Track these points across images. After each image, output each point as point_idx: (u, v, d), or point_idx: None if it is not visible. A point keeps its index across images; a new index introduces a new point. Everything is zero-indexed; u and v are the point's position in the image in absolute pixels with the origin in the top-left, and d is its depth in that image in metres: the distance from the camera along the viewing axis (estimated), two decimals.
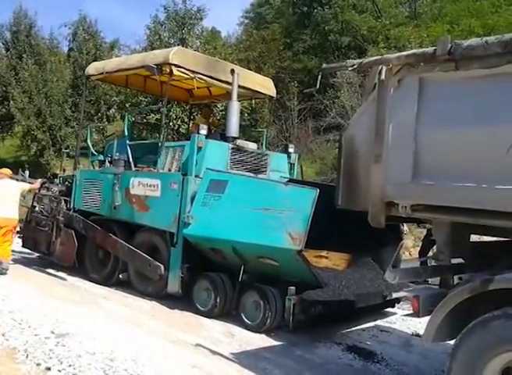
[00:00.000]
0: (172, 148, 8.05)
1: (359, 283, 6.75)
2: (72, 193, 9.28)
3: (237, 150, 8.02)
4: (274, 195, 6.52)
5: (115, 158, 8.69)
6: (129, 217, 8.20)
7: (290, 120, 20.41)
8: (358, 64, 4.80)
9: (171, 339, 5.95)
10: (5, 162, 26.96)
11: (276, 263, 6.38)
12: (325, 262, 7.13)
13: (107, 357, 5.03)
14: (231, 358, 5.50)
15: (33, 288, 7.75)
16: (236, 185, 6.98)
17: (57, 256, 9.06)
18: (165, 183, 7.64)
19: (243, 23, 36.21)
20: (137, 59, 8.82)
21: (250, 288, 6.74)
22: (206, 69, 8.43)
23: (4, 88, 26.74)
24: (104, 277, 8.68)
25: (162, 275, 7.50)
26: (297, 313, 6.00)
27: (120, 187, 8.26)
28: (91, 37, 29.35)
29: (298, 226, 5.97)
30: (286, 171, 8.79)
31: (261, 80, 9.95)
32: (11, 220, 8.63)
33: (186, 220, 7.12)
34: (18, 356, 4.93)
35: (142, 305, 7.55)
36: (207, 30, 22.47)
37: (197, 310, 7.18)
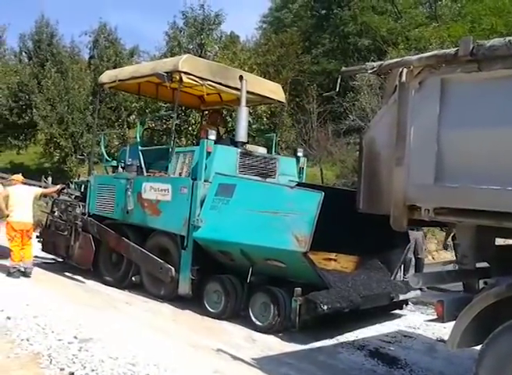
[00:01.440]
0: (183, 154, 8.19)
1: (365, 284, 6.90)
2: (87, 198, 9.46)
3: (246, 154, 8.13)
4: (280, 198, 6.66)
5: (127, 163, 8.91)
6: (141, 221, 8.38)
7: (310, 123, 20.34)
8: (378, 66, 4.75)
9: (192, 344, 5.95)
10: (29, 169, 27.49)
11: (283, 265, 6.51)
12: (334, 264, 7.36)
13: (129, 362, 5.05)
14: (252, 363, 5.47)
15: (56, 293, 7.84)
16: (244, 189, 7.13)
17: (75, 260, 9.28)
18: (175, 188, 7.82)
19: (261, 27, 36.29)
20: (149, 67, 9.03)
21: (258, 290, 6.87)
22: (215, 75, 8.58)
23: (27, 96, 27.25)
24: (117, 280, 8.85)
25: (173, 277, 7.66)
26: (303, 314, 6.11)
27: (133, 192, 8.44)
28: (111, 45, 29.78)
29: (303, 228, 6.10)
30: (295, 175, 8.87)
31: (270, 85, 10.08)
32: (27, 224, 8.83)
33: (195, 224, 7.31)
34: (42, 361, 4.97)
35: (162, 309, 7.59)
36: (225, 34, 22.54)
37: (208, 312, 7.29)
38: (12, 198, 8.83)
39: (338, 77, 5.41)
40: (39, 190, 9.85)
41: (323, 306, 6.02)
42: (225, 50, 20.25)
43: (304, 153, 9.48)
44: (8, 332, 5.70)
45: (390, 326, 7.34)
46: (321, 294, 6.17)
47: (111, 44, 29.97)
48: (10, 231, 8.71)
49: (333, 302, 6.15)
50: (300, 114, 20.59)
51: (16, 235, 8.69)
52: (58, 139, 24.22)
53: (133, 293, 8.42)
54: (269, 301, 6.65)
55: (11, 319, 6.13)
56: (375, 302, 6.93)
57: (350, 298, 6.38)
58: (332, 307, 6.11)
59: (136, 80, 9.18)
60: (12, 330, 5.74)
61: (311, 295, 6.13)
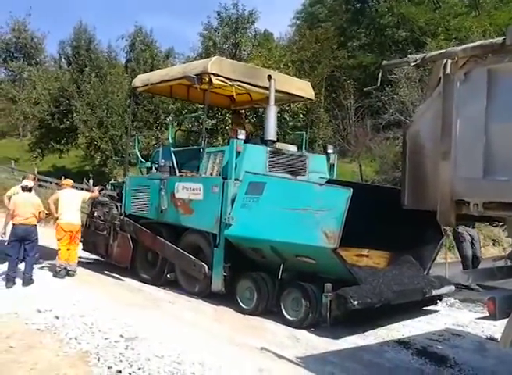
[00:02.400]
0: (213, 153, 8.36)
1: (397, 280, 6.92)
2: (123, 198, 9.72)
3: (275, 153, 8.23)
4: (309, 196, 6.76)
5: (160, 164, 9.13)
6: (174, 220, 8.58)
7: (347, 119, 20.12)
8: (421, 59, 4.62)
9: (236, 343, 5.96)
10: (70, 172, 28.24)
11: (313, 261, 6.59)
12: (366, 260, 7.39)
13: (174, 360, 5.09)
14: (297, 362, 5.43)
15: (100, 293, 7.98)
16: (274, 187, 7.25)
17: (114, 258, 9.61)
18: (206, 187, 8.00)
19: (294, 23, 36.06)
20: (179, 70, 9.23)
21: (290, 286, 6.96)
22: (244, 76, 8.73)
23: (68, 101, 28.00)
24: (153, 277, 9.10)
25: (206, 274, 7.84)
26: (334, 309, 6.14)
27: (166, 192, 8.64)
28: (147, 48, 30.25)
29: (333, 225, 6.18)
30: (326, 172, 8.91)
31: (299, 83, 10.18)
32: (75, 226, 9.09)
33: (227, 222, 7.48)
34: (90, 359, 5.08)
35: (205, 308, 7.63)
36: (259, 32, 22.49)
37: (241, 308, 7.40)
38: (62, 201, 9.12)
39: (375, 71, 5.31)
40: (87, 194, 10.09)
41: (353, 301, 6.03)
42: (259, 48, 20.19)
43: (336, 150, 9.51)
44: (56, 331, 5.85)
45: (437, 325, 7.17)
46: (352, 290, 6.20)
47: (147, 47, 30.44)
48: (60, 232, 9.00)
49: (364, 298, 6.17)
50: (336, 110, 20.38)
51: (65, 236, 8.97)
52: (98, 142, 24.78)
53: (175, 292, 8.51)
54: (301, 297, 6.72)
55: (59, 318, 6.28)
56: (408, 298, 6.92)
57: (381, 294, 6.39)
58: (362, 302, 6.12)
59: (168, 83, 9.37)
60: (60, 329, 5.89)
61: (342, 291, 6.16)
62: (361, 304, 6.11)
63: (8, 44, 47.58)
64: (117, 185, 10.65)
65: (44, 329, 5.92)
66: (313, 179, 8.20)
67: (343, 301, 6.07)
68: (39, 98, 31.02)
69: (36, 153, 30.75)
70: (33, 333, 5.79)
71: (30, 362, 4.99)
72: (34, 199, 8.39)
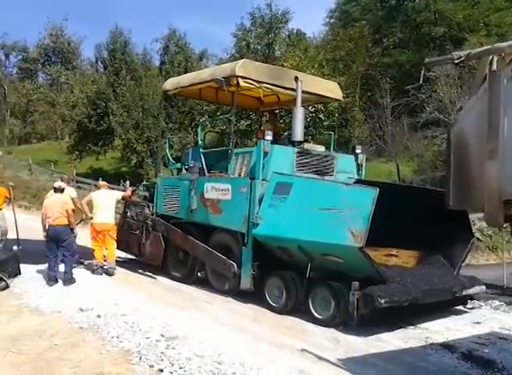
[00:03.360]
0: (241, 154, 8.50)
1: (426, 279, 6.99)
2: (155, 199, 9.95)
3: (303, 153, 8.28)
4: (336, 195, 6.88)
5: (190, 165, 9.37)
6: (204, 220, 8.78)
7: (384, 118, 19.80)
8: (465, 56, 4.47)
9: (276, 344, 5.92)
10: (107, 173, 28.78)
11: (340, 260, 6.65)
12: (395, 260, 7.55)
13: (215, 360, 5.09)
14: (338, 364, 5.37)
15: (140, 293, 8.07)
16: (300, 187, 7.36)
17: (147, 257, 9.81)
18: (235, 187, 8.17)
19: (328, 22, 35.72)
20: (208, 73, 9.46)
21: (318, 284, 7.06)
22: (271, 78, 8.85)
23: (104, 104, 28.55)
24: (184, 276, 9.30)
25: (235, 273, 7.99)
26: (361, 308, 6.21)
27: (196, 192, 8.84)
28: (181, 50, 30.54)
29: (359, 224, 6.25)
30: (354, 172, 8.93)
31: (327, 84, 10.29)
32: (108, 225, 9.27)
33: (254, 221, 7.63)
34: (132, 358, 5.12)
35: (243, 309, 7.63)
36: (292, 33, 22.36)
37: (270, 306, 7.54)
38: (95, 201, 9.34)
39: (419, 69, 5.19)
40: (120, 194, 10.30)
41: (380, 300, 6.09)
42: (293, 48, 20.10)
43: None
44: (99, 330, 5.93)
45: (482, 328, 6.99)
46: (379, 288, 6.27)
47: (180, 49, 30.75)
48: (93, 232, 9.22)
49: (391, 296, 6.23)
50: (372, 109, 20.07)
51: (99, 235, 9.17)
52: (134, 144, 25.16)
53: (212, 292, 8.54)
54: (329, 296, 6.82)
55: (101, 317, 6.36)
56: (436, 297, 6.96)
57: (408, 293, 6.45)
58: (389, 301, 6.17)
59: (197, 85, 9.57)
60: (102, 328, 5.97)
61: (369, 289, 6.23)
62: (388, 302, 6.16)
63: (46, 49, 49.10)
64: (149, 186, 10.84)
65: (87, 327, 6.02)
66: (341, 179, 8.25)
67: (370, 299, 6.14)
68: (76, 101, 31.77)
69: (74, 155, 31.49)
70: (76, 332, 5.89)
71: (75, 360, 5.07)
72: (64, 198, 8.52)
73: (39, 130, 48.78)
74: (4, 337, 5.78)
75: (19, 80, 49.39)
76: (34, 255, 9.31)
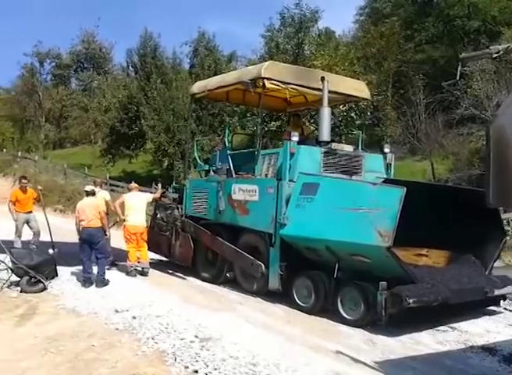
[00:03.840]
0: (268, 155, 8.54)
1: (456, 279, 6.95)
2: (184, 200, 10.07)
3: (330, 153, 8.29)
4: (363, 195, 6.87)
5: (218, 167, 9.53)
6: (232, 220, 8.88)
7: (417, 115, 19.40)
8: (504, 49, 4.34)
9: (310, 345, 5.85)
10: (139, 176, 29.15)
11: (368, 260, 6.65)
12: (425, 259, 7.51)
13: (249, 362, 5.06)
14: (375, 366, 5.27)
15: (173, 294, 8.12)
16: (327, 187, 7.37)
17: (177, 258, 9.95)
18: (262, 188, 8.25)
19: (358, 20, 35.26)
20: (234, 76, 9.59)
21: (346, 285, 7.04)
22: (297, 78, 8.88)
23: (136, 108, 28.91)
24: (213, 276, 9.39)
25: (263, 273, 8.06)
26: (389, 307, 6.16)
27: (223, 194, 8.97)
28: (210, 53, 30.66)
29: (386, 223, 6.24)
30: (383, 171, 8.88)
31: (354, 83, 10.37)
32: (140, 227, 9.47)
33: (282, 222, 7.68)
34: (167, 359, 5.15)
35: (276, 311, 7.58)
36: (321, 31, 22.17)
37: (299, 306, 7.55)
38: (127, 204, 9.51)
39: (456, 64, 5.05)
40: (150, 196, 10.41)
41: (408, 300, 6.02)
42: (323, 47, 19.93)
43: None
44: (134, 331, 5.99)
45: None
46: (407, 288, 6.23)
47: (209, 52, 30.87)
48: (126, 234, 9.39)
49: (419, 296, 6.19)
50: (405, 106, 19.70)
51: (132, 237, 9.33)
52: (165, 147, 25.37)
53: (245, 294, 8.53)
54: (358, 296, 6.79)
55: (136, 318, 6.43)
56: (467, 297, 6.90)
57: (438, 293, 6.38)
58: (418, 301, 6.11)
59: (224, 88, 9.68)
60: (137, 329, 6.02)
61: (397, 289, 6.18)
62: (417, 302, 6.10)
63: (78, 55, 50.07)
64: (178, 188, 11.02)
65: (123, 328, 6.09)
66: (369, 178, 8.21)
67: (398, 299, 6.09)
68: (109, 105, 32.28)
69: (107, 159, 31.99)
70: (112, 333, 5.97)
71: (111, 361, 5.13)
72: (96, 201, 8.66)
73: (73, 134, 49.72)
74: (43, 337, 5.90)
75: (53, 87, 50.46)
76: (70, 257, 9.49)
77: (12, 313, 6.85)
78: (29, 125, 49.42)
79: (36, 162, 29.85)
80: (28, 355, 5.39)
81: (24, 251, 8.63)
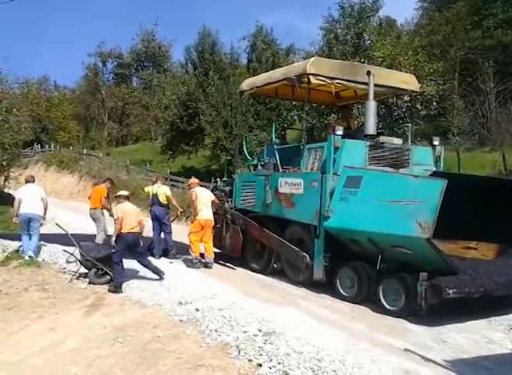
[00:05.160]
0: (314, 150, 8.71)
1: (502, 271, 6.95)
2: (233, 194, 10.41)
3: (376, 147, 8.38)
4: (405, 188, 7.01)
5: (265, 161, 9.79)
6: (278, 213, 9.15)
7: (487, 104, 18.49)
8: None
9: (376, 342, 5.68)
10: (198, 172, 29.58)
11: (410, 251, 6.78)
12: (474, 252, 7.66)
13: (314, 357, 4.96)
14: (446, 366, 5.07)
15: (235, 287, 8.12)
16: (370, 180, 7.52)
17: (227, 249, 10.29)
18: (307, 182, 8.46)
19: (421, 6, 34.00)
20: (280, 73, 9.75)
21: (388, 276, 7.15)
22: (343, 73, 8.99)
23: (195, 104, 29.30)
24: (261, 267, 9.69)
25: (308, 264, 8.29)
26: (429, 298, 6.27)
27: (270, 187, 9.25)
28: (268, 46, 30.57)
29: (427, 215, 6.33)
30: (432, 164, 8.87)
31: (402, 76, 10.46)
32: (211, 221, 9.68)
33: (326, 214, 7.89)
34: (231, 351, 5.15)
35: (340, 306, 7.46)
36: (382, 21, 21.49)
37: (342, 296, 7.78)
38: (200, 198, 9.66)
39: None
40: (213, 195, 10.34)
41: (448, 290, 6.12)
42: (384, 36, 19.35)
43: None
44: (197, 323, 6.04)
45: None
46: (447, 279, 6.33)
47: (267, 45, 30.78)
48: (197, 227, 9.52)
49: (460, 287, 6.28)
50: (474, 95, 18.83)
51: (201, 231, 9.50)
52: (223, 142, 25.56)
53: (307, 289, 8.43)
54: (399, 287, 6.90)
55: (199, 310, 6.46)
56: None
57: (481, 284, 6.45)
58: (458, 291, 6.21)
59: (271, 85, 9.83)
60: (200, 322, 6.06)
61: (437, 280, 6.28)
62: (457, 293, 6.19)
63: (138, 54, 51.45)
64: (228, 182, 11.20)
65: (187, 320, 6.15)
66: (417, 171, 8.22)
67: (438, 289, 6.18)
68: (169, 102, 32.92)
69: (167, 155, 32.64)
70: (176, 324, 6.05)
71: (177, 352, 5.20)
72: (136, 208, 8.53)
73: (134, 131, 51.23)
74: (111, 327, 6.08)
75: (115, 85, 52.07)
76: None
77: (81, 304, 7.11)
78: (93, 123, 51.44)
79: (100, 158, 30.96)
80: (97, 344, 5.57)
81: (92, 245, 8.91)
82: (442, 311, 6.69)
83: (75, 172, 29.03)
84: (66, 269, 8.75)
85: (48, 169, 31.25)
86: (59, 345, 5.71)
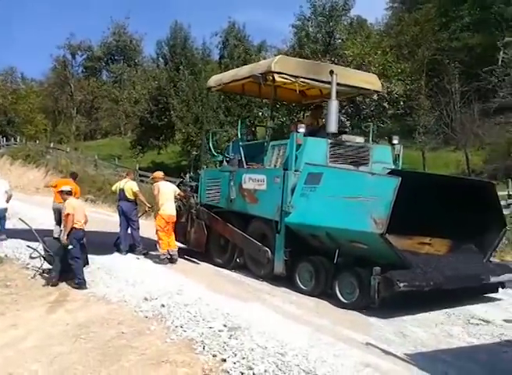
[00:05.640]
0: (277, 146, 8.87)
1: (452, 266, 7.26)
2: (199, 189, 10.47)
3: (337, 144, 8.56)
4: (362, 185, 7.25)
5: (230, 157, 9.88)
6: (242, 209, 9.27)
7: (452, 105, 18.91)
8: None
9: (339, 337, 5.77)
10: (168, 166, 29.38)
11: (365, 246, 7.01)
12: (428, 248, 7.90)
13: (278, 352, 5.01)
14: (406, 359, 5.18)
15: (201, 283, 8.10)
16: (330, 177, 7.73)
17: (192, 244, 10.36)
18: (269, 178, 8.60)
19: (391, 7, 34.47)
20: (246, 70, 9.87)
21: (344, 270, 7.39)
22: (307, 72, 9.13)
23: (165, 99, 29.07)
24: (225, 261, 9.78)
25: (270, 258, 8.46)
26: (382, 291, 6.52)
27: (235, 183, 9.35)
28: (240, 43, 30.54)
29: (381, 211, 6.58)
30: (391, 162, 9.07)
31: (365, 76, 10.61)
32: (174, 216, 9.67)
33: (287, 210, 8.05)
34: (196, 347, 5.16)
35: (305, 302, 7.52)
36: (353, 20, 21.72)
37: (300, 289, 7.95)
38: (163, 193, 9.59)
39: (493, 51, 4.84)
40: (177, 189, 10.36)
41: (400, 284, 6.35)
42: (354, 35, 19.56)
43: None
44: (163, 319, 6.02)
45: None
46: (399, 273, 6.58)
47: (239, 42, 30.75)
48: (162, 223, 9.46)
49: (411, 280, 6.52)
50: (440, 95, 19.22)
51: (166, 226, 9.46)
52: (194, 138, 25.44)
53: (273, 284, 8.48)
54: (354, 281, 7.13)
55: (165, 306, 6.45)
56: (462, 283, 7.15)
57: (430, 278, 6.70)
58: (409, 285, 6.45)
59: (237, 82, 9.97)
60: (166, 317, 6.05)
61: (389, 274, 6.52)
62: (408, 286, 6.42)
63: (109, 47, 50.73)
64: (195, 177, 11.24)
65: (152, 316, 6.13)
66: (376, 169, 8.37)
67: (390, 283, 6.41)
68: (139, 97, 32.59)
69: (137, 150, 32.31)
70: (141, 321, 6.03)
71: (141, 348, 5.18)
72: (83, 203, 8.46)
73: (103, 126, 50.50)
74: (74, 324, 6.01)
75: (85, 79, 51.21)
76: (101, 246, 9.63)
77: (44, 300, 7.00)
78: (61, 117, 50.45)
79: (67, 153, 30.41)
80: (59, 341, 5.51)
81: (56, 240, 8.76)
82: (403, 305, 6.86)
83: (41, 166, 28.42)
84: (30, 265, 8.59)
85: (14, 163, 30.51)
86: (20, 342, 5.62)
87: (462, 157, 18.50)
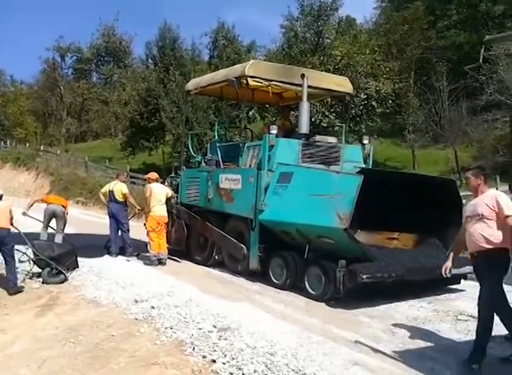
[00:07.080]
0: (252, 147, 9.25)
1: (414, 259, 7.71)
2: (179, 189, 10.80)
3: (308, 145, 8.89)
4: (328, 183, 7.62)
5: (208, 158, 10.24)
6: (219, 207, 9.61)
7: (440, 103, 19.04)
8: None
9: (329, 335, 5.79)
10: (158, 168, 29.33)
11: (332, 241, 7.38)
12: (396, 242, 8.31)
13: (267, 351, 5.03)
14: (394, 356, 5.20)
15: (192, 284, 8.08)
16: (299, 176, 8.10)
17: (172, 242, 10.52)
18: (244, 178, 8.96)
19: (380, 6, 34.62)
20: (221, 74, 10.24)
21: (313, 264, 7.74)
22: (280, 76, 9.50)
23: (155, 101, 29.01)
24: (204, 259, 10.09)
25: (245, 255, 8.79)
26: (347, 283, 6.91)
27: (212, 183, 9.69)
28: (230, 43, 30.57)
29: (345, 208, 6.94)
30: (361, 161, 9.43)
31: (336, 79, 11.00)
32: (165, 218, 9.78)
33: (260, 208, 8.41)
34: (185, 348, 5.17)
35: (295, 301, 7.54)
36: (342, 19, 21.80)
37: (273, 283, 8.29)
38: (155, 194, 9.67)
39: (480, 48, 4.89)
40: (169, 191, 10.34)
41: (363, 276, 6.73)
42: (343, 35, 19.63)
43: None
44: (153, 321, 6.02)
45: None
46: (362, 265, 6.95)
47: (229, 42, 30.77)
48: (153, 224, 9.54)
49: (374, 272, 6.89)
50: (428, 93, 19.35)
51: (157, 228, 9.56)
52: (184, 139, 25.37)
53: (264, 284, 8.49)
54: (321, 274, 7.51)
55: (155, 308, 6.46)
56: (423, 275, 7.44)
57: (392, 270, 7.06)
58: (372, 277, 6.83)
59: (214, 85, 10.25)
60: (156, 319, 6.05)
61: (352, 266, 6.91)
62: (370, 278, 6.80)
63: (98, 49, 50.55)
64: (175, 178, 11.44)
65: (142, 318, 6.13)
66: (347, 168, 8.74)
67: (354, 275, 6.79)
68: (129, 98, 32.48)
69: (127, 152, 32.21)
70: (131, 323, 6.03)
71: (130, 350, 5.18)
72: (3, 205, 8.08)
73: (94, 128, 50.33)
74: (63, 327, 6.00)
75: (75, 81, 51.00)
76: (91, 248, 9.61)
77: (33, 304, 6.99)
78: (51, 119, 50.27)
79: (58, 155, 30.28)
80: (49, 345, 5.49)
81: (46, 243, 8.74)
82: (393, 303, 6.95)
83: (32, 169, 28.33)
84: (19, 269, 8.55)
85: (4, 167, 30.40)
86: (8, 347, 5.61)
87: (451, 154, 18.65)
